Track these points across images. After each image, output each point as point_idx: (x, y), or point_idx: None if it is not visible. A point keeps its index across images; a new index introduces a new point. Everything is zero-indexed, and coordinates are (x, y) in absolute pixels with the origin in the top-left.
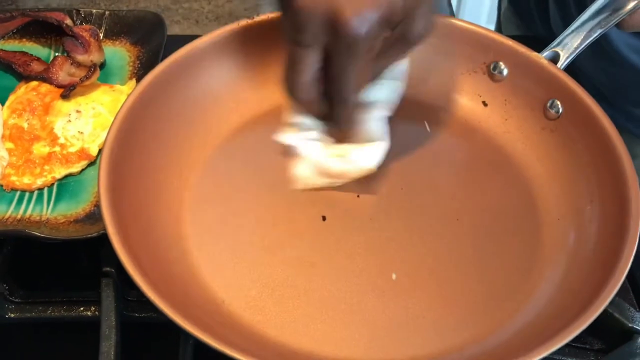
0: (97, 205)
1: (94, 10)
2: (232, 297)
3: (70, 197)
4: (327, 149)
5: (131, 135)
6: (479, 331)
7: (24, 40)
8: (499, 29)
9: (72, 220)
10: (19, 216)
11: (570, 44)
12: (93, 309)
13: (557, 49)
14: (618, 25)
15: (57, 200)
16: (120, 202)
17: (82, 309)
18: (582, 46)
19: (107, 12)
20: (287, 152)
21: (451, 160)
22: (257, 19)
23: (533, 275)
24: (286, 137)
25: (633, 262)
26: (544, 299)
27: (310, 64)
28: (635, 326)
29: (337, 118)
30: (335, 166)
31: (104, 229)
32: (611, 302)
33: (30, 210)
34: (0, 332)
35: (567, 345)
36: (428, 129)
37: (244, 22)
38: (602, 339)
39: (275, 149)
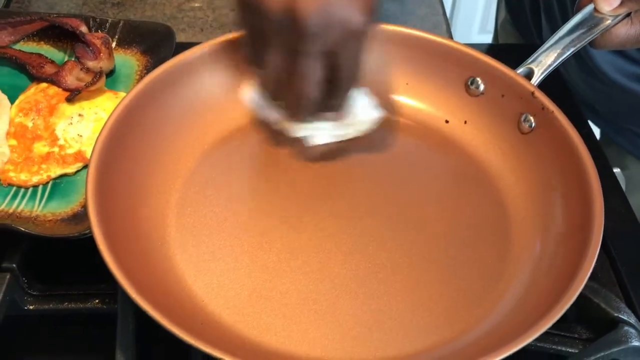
0: (84, 206)
1: (110, 19)
2: (212, 297)
3: (62, 197)
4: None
5: (120, 140)
6: (450, 333)
7: (42, 43)
8: (495, 38)
9: (59, 218)
10: (11, 210)
11: (544, 61)
12: (107, 300)
13: (532, 66)
14: (590, 44)
15: (50, 198)
16: (107, 204)
17: (97, 301)
18: (556, 63)
19: (121, 22)
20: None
21: (426, 170)
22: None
23: (502, 279)
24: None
25: (618, 256)
26: (512, 302)
27: (319, 72)
28: (620, 315)
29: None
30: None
31: (87, 229)
32: (598, 294)
33: (22, 206)
34: (20, 323)
35: (556, 334)
36: None
37: (230, 35)
38: (589, 328)
39: (257, 158)
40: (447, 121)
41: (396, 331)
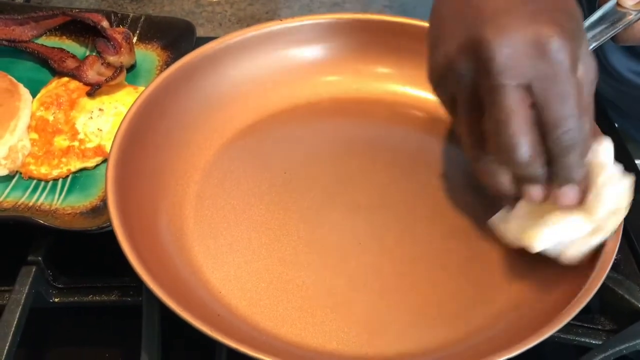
0: (103, 200)
1: (131, 14)
2: (229, 289)
3: (81, 190)
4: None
5: (140, 133)
6: (467, 327)
7: (64, 37)
8: None
9: (78, 212)
10: (30, 204)
11: None
12: (131, 293)
13: None
14: (613, 39)
15: (69, 191)
16: (126, 197)
17: (121, 293)
18: None
19: (143, 17)
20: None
21: (443, 163)
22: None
23: (522, 273)
24: (543, 242)
25: None
26: (532, 295)
27: (522, 112)
28: None
29: (563, 172)
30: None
31: (104, 223)
32: (622, 285)
33: (42, 199)
34: (45, 315)
35: (579, 326)
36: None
37: (248, 30)
38: (613, 319)
39: (275, 151)
40: None
41: (413, 326)
